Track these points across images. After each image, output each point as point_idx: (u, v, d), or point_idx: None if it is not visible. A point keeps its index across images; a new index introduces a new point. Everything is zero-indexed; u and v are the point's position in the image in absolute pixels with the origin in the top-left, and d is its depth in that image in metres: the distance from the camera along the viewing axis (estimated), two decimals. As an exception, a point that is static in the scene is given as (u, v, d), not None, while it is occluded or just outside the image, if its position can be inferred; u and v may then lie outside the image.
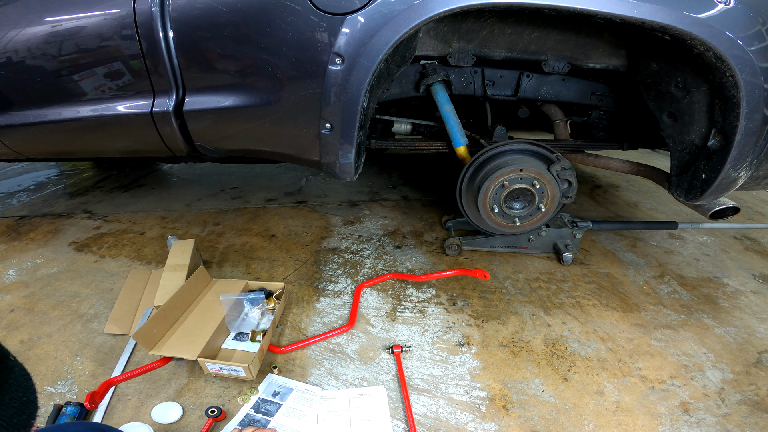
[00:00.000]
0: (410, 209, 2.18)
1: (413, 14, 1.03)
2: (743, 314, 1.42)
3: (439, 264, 1.67)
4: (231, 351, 1.19)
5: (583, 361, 1.21)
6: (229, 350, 1.20)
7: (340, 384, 1.12)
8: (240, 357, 1.17)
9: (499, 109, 1.91)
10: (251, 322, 1.26)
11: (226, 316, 1.24)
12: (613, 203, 2.34)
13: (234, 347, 1.21)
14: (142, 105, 1.28)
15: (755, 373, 1.18)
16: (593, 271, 1.65)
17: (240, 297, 1.30)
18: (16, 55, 1.24)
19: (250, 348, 1.20)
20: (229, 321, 1.24)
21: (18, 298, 1.46)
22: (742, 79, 1.04)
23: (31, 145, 1.53)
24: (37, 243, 1.84)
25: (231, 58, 1.18)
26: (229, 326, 1.25)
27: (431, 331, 1.31)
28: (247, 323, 1.26)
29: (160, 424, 1.00)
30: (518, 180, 1.45)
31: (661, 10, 1.01)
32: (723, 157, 1.19)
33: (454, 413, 1.04)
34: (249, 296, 1.32)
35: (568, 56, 1.45)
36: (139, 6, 1.13)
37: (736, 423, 1.03)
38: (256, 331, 1.24)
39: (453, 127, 1.63)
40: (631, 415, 1.04)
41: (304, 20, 1.07)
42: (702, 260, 1.75)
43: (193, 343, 1.12)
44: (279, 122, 1.25)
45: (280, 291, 1.39)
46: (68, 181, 2.67)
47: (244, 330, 1.25)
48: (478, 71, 1.62)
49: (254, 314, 1.28)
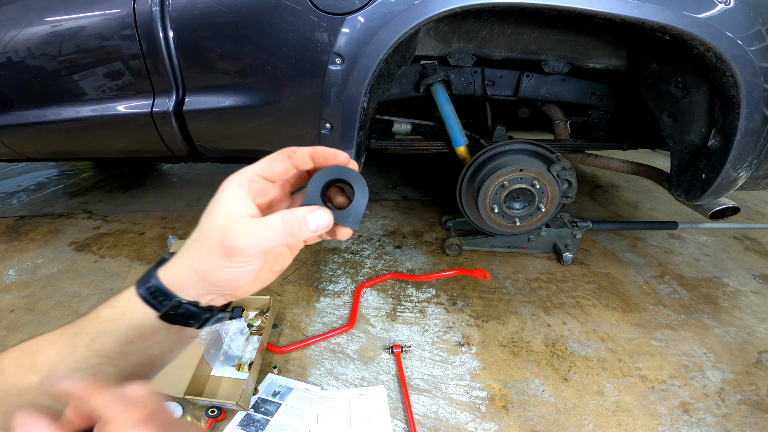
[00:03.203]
0: (410, 209, 2.18)
1: (413, 14, 1.03)
2: (743, 314, 1.42)
3: (439, 264, 1.67)
4: (220, 378, 1.12)
5: (583, 361, 1.21)
6: (219, 377, 1.12)
7: (340, 384, 1.12)
8: (229, 387, 1.10)
9: (499, 109, 1.91)
10: (234, 355, 1.16)
11: (205, 353, 1.12)
12: (613, 203, 2.34)
13: (223, 374, 1.13)
14: (142, 105, 1.28)
15: (755, 373, 1.18)
16: (593, 271, 1.65)
17: (218, 328, 1.18)
18: (16, 55, 1.24)
19: (240, 375, 1.12)
20: (209, 358, 1.13)
21: (18, 298, 1.46)
22: (742, 79, 1.04)
23: (31, 145, 1.53)
24: (37, 243, 1.84)
25: (231, 58, 1.18)
26: (211, 363, 1.14)
27: (431, 331, 1.31)
28: (229, 357, 1.15)
29: (160, 424, 1.00)
30: (518, 180, 1.45)
31: (661, 10, 1.00)
32: (723, 157, 1.19)
33: (454, 413, 1.04)
34: (228, 325, 1.19)
35: (568, 56, 1.45)
36: (139, 6, 1.13)
37: (736, 423, 1.03)
38: (242, 363, 1.14)
39: (453, 127, 1.63)
40: (631, 415, 1.04)
41: (304, 20, 1.07)
42: (702, 260, 1.75)
43: (178, 377, 1.03)
44: (279, 122, 1.25)
45: (266, 305, 1.31)
46: (68, 181, 2.67)
47: (228, 365, 1.15)
48: (478, 71, 1.62)
49: (237, 344, 1.17)
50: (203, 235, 0.36)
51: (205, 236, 0.36)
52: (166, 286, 0.37)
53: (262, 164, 0.38)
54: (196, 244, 0.37)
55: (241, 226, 0.35)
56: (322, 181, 0.39)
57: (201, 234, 0.37)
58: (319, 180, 0.38)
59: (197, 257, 0.36)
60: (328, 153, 0.39)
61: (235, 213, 0.36)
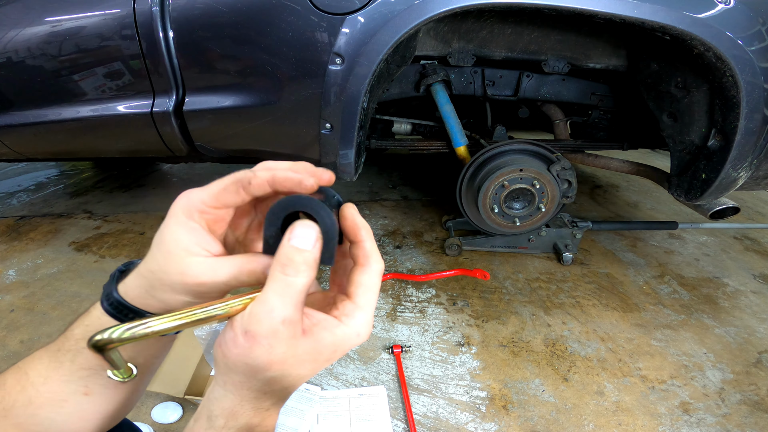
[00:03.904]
0: (410, 209, 2.18)
1: (413, 14, 1.03)
2: (743, 314, 1.42)
3: (439, 264, 1.67)
4: None
5: (583, 361, 1.21)
6: None
7: (340, 384, 1.12)
8: None
9: (499, 109, 1.91)
10: None
11: (205, 353, 1.15)
12: (613, 203, 2.34)
13: None
14: (142, 105, 1.28)
15: (755, 373, 1.18)
16: (593, 271, 1.65)
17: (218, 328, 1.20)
18: (16, 55, 1.24)
19: None
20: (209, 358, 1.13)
21: (18, 298, 1.46)
22: (742, 79, 1.04)
23: (31, 145, 1.53)
24: (37, 243, 1.83)
25: (231, 58, 1.18)
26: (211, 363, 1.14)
27: (431, 331, 1.31)
28: None
29: (160, 424, 1.00)
30: (518, 180, 1.45)
31: (661, 10, 1.00)
32: (723, 157, 1.19)
33: (454, 413, 1.04)
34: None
35: (568, 56, 1.45)
36: (139, 6, 1.13)
37: (736, 423, 1.03)
38: None
39: (453, 127, 1.63)
40: (631, 415, 1.04)
41: (304, 20, 1.07)
42: (702, 260, 1.75)
43: (178, 377, 1.04)
44: (279, 122, 1.25)
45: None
46: (68, 181, 2.67)
47: None
48: (478, 71, 1.61)
49: None
50: (161, 270, 0.33)
51: (163, 272, 0.32)
52: (130, 302, 0.35)
53: (211, 193, 0.33)
54: (156, 278, 0.33)
55: (198, 266, 0.32)
56: (279, 218, 0.31)
57: (158, 267, 0.33)
58: (276, 216, 0.31)
59: (160, 291, 0.33)
60: (292, 182, 0.32)
61: (191, 252, 0.32)
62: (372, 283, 0.33)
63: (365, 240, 0.34)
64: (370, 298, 0.33)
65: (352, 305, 0.32)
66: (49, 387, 0.36)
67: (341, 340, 0.31)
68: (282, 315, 0.29)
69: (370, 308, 0.33)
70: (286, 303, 0.29)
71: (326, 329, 0.31)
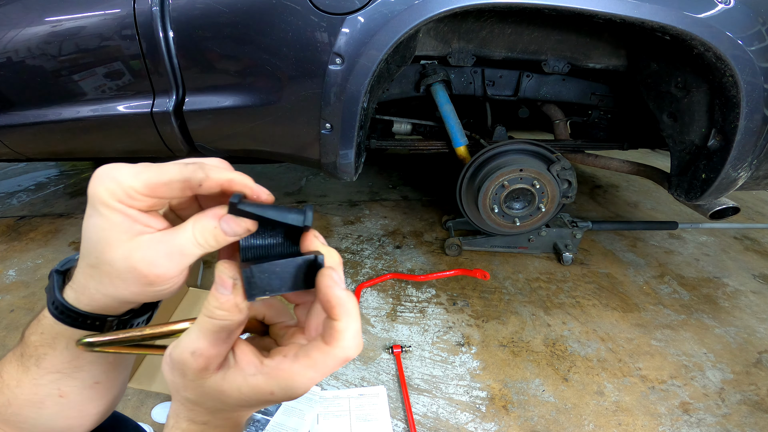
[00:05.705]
0: (410, 209, 2.18)
1: (413, 14, 1.03)
2: (743, 314, 1.42)
3: (439, 264, 1.67)
4: None
5: (583, 361, 1.21)
6: None
7: (340, 384, 1.12)
8: None
9: (499, 109, 1.91)
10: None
11: None
12: (613, 203, 2.34)
13: None
14: (142, 105, 1.28)
15: (755, 373, 1.18)
16: (593, 271, 1.65)
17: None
18: (16, 55, 1.24)
19: None
20: None
21: (18, 298, 1.46)
22: (742, 79, 1.04)
23: (31, 145, 1.53)
24: (37, 243, 1.83)
25: (231, 58, 1.18)
26: None
27: (431, 331, 1.31)
28: None
29: (160, 425, 1.00)
30: (518, 180, 1.45)
31: (661, 10, 1.00)
32: (723, 157, 1.19)
33: (454, 413, 1.04)
34: None
35: (568, 56, 1.45)
36: (139, 6, 1.13)
37: (736, 423, 1.03)
38: None
39: (453, 127, 1.63)
40: (631, 415, 1.04)
41: (304, 20, 1.07)
42: (702, 260, 1.75)
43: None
44: (279, 122, 1.25)
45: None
46: (68, 181, 2.67)
47: None
48: (478, 71, 1.62)
49: None
50: (104, 263, 0.30)
51: (107, 264, 0.30)
52: (84, 308, 0.33)
53: (148, 184, 0.29)
54: (101, 273, 0.31)
55: (148, 250, 0.29)
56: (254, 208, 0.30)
57: (98, 260, 0.30)
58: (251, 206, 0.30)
59: (110, 287, 0.31)
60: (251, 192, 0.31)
61: (132, 231, 0.29)
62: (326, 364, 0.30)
63: (340, 319, 0.29)
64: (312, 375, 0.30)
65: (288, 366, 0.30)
66: (23, 390, 0.36)
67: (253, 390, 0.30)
68: (192, 347, 0.30)
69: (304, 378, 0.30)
70: (200, 337, 0.30)
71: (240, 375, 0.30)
